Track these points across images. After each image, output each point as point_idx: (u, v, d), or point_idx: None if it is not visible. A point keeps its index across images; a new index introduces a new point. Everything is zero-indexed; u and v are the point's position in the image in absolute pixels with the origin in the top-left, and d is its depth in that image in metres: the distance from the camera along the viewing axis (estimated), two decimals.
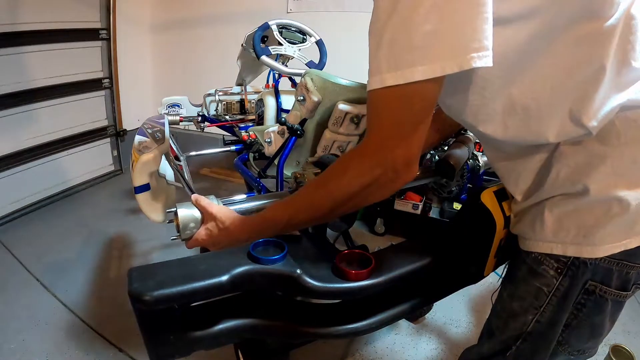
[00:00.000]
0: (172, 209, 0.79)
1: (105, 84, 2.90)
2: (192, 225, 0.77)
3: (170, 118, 1.95)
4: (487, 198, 0.79)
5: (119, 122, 3.08)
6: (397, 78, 0.49)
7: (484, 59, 0.47)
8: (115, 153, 3.13)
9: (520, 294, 0.69)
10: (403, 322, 1.70)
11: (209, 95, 2.21)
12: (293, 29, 1.77)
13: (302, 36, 1.78)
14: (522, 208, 0.69)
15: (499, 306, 0.75)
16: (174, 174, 1.34)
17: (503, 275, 0.82)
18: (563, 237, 0.62)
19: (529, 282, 0.67)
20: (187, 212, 0.77)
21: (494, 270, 0.87)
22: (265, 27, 1.69)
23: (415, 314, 1.72)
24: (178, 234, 0.78)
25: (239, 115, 2.17)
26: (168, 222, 0.81)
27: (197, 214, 0.77)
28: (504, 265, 0.88)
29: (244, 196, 0.88)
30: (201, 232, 0.77)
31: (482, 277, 0.87)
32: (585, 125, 0.55)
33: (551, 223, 0.63)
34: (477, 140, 1.24)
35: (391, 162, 0.56)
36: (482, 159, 1.30)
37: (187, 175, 1.47)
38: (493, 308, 0.78)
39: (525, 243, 0.68)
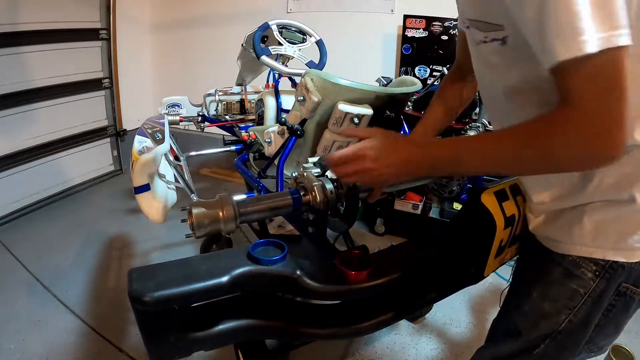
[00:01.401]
0: (186, 207, 0.78)
1: (105, 84, 2.90)
2: (206, 222, 0.77)
3: (170, 118, 1.95)
4: (488, 199, 0.79)
5: (119, 122, 3.08)
6: (612, 40, 0.44)
7: None
8: (115, 153, 3.13)
9: (553, 296, 0.69)
10: (403, 322, 1.70)
11: (209, 95, 2.21)
12: (293, 29, 1.77)
13: (302, 36, 1.78)
14: (553, 210, 0.69)
15: (526, 307, 0.74)
16: (174, 174, 1.34)
17: (515, 276, 0.82)
18: (602, 243, 0.63)
19: (565, 284, 0.68)
20: (201, 211, 0.76)
21: (494, 270, 0.87)
22: (265, 27, 1.69)
23: (415, 314, 1.72)
24: (192, 232, 0.78)
25: (239, 115, 2.17)
26: (182, 221, 0.80)
27: (212, 211, 0.77)
28: (513, 264, 0.89)
29: (244, 196, 0.88)
30: (360, 145, 0.65)
31: (482, 277, 0.87)
32: (638, 141, 0.55)
33: (591, 228, 0.64)
34: None
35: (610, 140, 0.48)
36: None
37: (187, 175, 1.47)
38: (516, 309, 0.77)
39: (559, 246, 0.68)
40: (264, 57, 1.60)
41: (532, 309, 0.72)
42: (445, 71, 2.03)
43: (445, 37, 2.32)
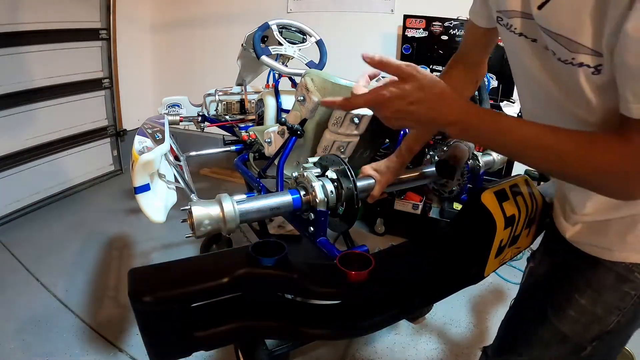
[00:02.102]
0: (187, 208, 0.78)
1: (105, 84, 2.90)
2: (206, 222, 0.76)
3: (170, 118, 1.95)
4: (488, 199, 0.79)
5: (119, 122, 3.08)
6: None
7: None
8: (115, 153, 3.14)
9: (605, 300, 0.70)
10: (403, 322, 1.70)
11: (209, 95, 2.21)
12: (293, 29, 1.77)
13: (302, 36, 1.78)
14: (597, 220, 0.70)
15: (571, 312, 0.73)
16: (174, 174, 1.34)
17: (540, 282, 0.82)
18: None
19: (618, 288, 0.69)
20: (201, 210, 0.76)
21: (494, 270, 0.87)
22: (265, 27, 1.69)
23: (415, 314, 1.72)
24: (192, 232, 0.78)
25: (239, 115, 2.17)
26: (182, 222, 0.80)
27: (212, 211, 0.77)
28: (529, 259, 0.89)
29: (244, 196, 0.88)
30: (392, 89, 0.57)
31: (482, 277, 0.87)
32: None
33: None
34: None
35: None
36: (482, 159, 1.30)
37: (187, 175, 1.47)
38: (556, 314, 0.76)
39: (611, 254, 0.69)
40: (264, 57, 1.60)
41: (581, 313, 0.72)
42: None
43: (445, 37, 2.32)
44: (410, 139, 0.98)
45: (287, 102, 1.76)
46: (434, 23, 2.32)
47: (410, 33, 2.39)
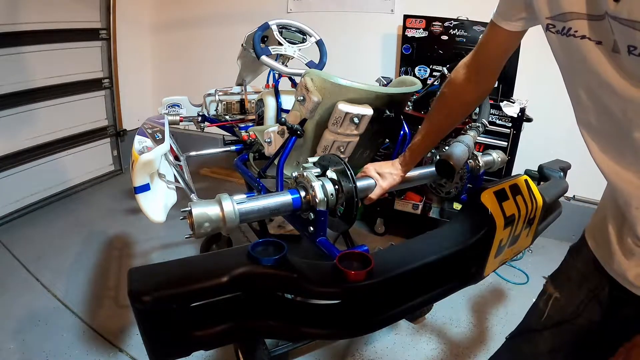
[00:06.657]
0: (187, 208, 0.78)
1: (105, 84, 2.90)
2: (206, 225, 0.76)
3: (170, 118, 1.95)
4: (488, 198, 0.79)
5: (119, 122, 3.08)
6: None
7: None
8: (115, 153, 3.14)
9: None
10: (403, 322, 1.70)
11: (209, 95, 2.21)
12: (293, 29, 1.77)
13: (302, 36, 1.78)
14: None
15: None
16: (174, 174, 1.34)
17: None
18: None
19: None
20: (201, 211, 0.76)
21: (494, 270, 0.87)
22: (265, 27, 1.69)
23: (415, 314, 1.72)
24: (192, 233, 0.78)
25: (239, 115, 2.17)
26: (182, 219, 0.81)
27: (212, 212, 0.77)
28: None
29: (244, 196, 0.88)
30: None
31: (482, 277, 0.87)
32: None
33: None
34: (477, 140, 1.24)
35: None
36: (482, 159, 1.30)
37: (187, 175, 1.47)
38: None
39: None
40: (264, 57, 1.60)
41: None
42: (446, 71, 2.02)
43: (445, 37, 2.32)
44: (414, 147, 0.96)
45: (287, 102, 1.76)
46: (434, 23, 2.32)
47: (410, 33, 2.39)
